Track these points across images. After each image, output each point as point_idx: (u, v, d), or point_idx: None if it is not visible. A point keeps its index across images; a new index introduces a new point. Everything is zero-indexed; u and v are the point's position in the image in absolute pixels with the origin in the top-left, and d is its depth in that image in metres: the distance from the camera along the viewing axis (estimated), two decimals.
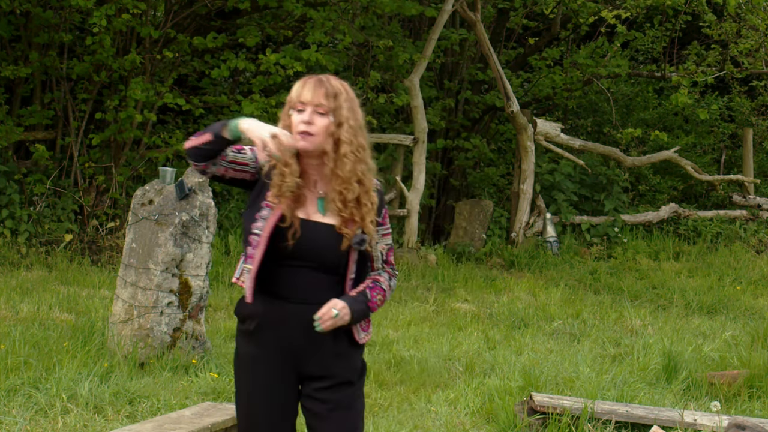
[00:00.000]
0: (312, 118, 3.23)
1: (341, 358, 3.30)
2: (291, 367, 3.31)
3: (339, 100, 3.27)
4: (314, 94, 3.24)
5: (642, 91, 16.44)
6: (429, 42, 12.36)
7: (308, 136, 3.23)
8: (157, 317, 6.55)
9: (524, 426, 5.54)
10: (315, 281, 3.25)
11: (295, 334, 3.27)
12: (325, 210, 3.27)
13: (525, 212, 12.69)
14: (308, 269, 3.25)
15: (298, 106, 3.26)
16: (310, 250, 3.24)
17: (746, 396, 6.31)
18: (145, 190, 6.81)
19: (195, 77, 13.07)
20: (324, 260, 3.25)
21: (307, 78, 3.31)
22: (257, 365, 3.32)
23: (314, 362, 3.29)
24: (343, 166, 3.24)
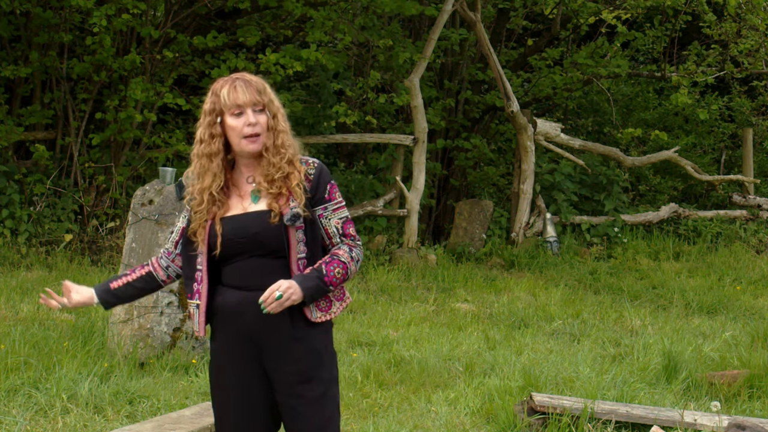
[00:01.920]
0: (255, 118, 3.25)
1: (300, 341, 3.29)
2: (253, 357, 3.31)
3: (268, 94, 3.30)
4: (249, 95, 3.25)
5: (642, 91, 16.44)
6: (429, 42, 12.36)
7: (256, 137, 3.25)
8: (157, 317, 6.55)
9: (524, 426, 5.54)
10: (264, 268, 3.26)
11: (252, 323, 3.27)
12: (257, 199, 3.30)
13: (525, 212, 12.69)
14: (256, 258, 3.26)
15: (235, 110, 3.24)
16: (249, 239, 3.25)
17: (746, 396, 6.31)
18: (145, 190, 6.81)
19: (195, 77, 13.07)
20: (264, 245, 3.25)
21: (231, 81, 3.29)
22: (222, 359, 3.36)
23: (274, 348, 3.29)
24: (281, 155, 3.27)
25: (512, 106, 12.55)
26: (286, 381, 3.30)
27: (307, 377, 3.30)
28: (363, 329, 7.96)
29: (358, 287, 9.81)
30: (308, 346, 3.30)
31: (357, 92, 13.10)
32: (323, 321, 3.32)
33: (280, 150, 3.28)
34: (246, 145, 3.26)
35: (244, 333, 3.30)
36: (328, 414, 3.33)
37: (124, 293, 3.50)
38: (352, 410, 5.80)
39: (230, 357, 3.33)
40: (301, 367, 3.29)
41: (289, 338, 3.29)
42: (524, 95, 14.60)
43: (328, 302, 3.33)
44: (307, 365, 3.30)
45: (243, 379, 3.33)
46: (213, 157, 3.28)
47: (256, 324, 3.27)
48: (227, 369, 3.34)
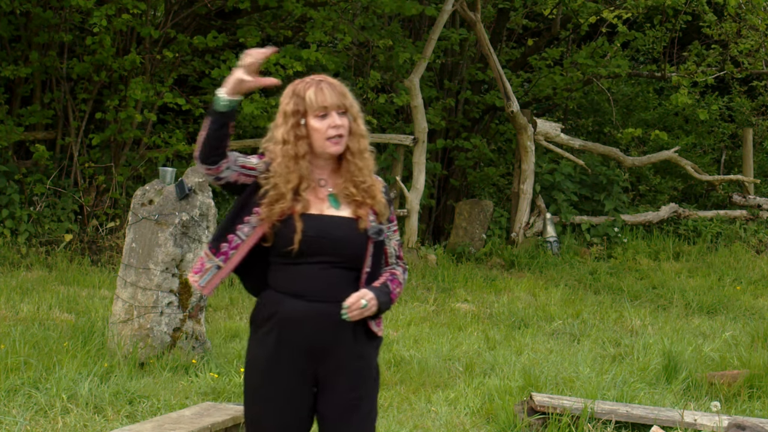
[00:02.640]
0: (340, 121, 3.24)
1: (359, 357, 3.26)
2: (309, 369, 3.25)
3: (349, 97, 3.30)
4: (334, 98, 3.24)
5: (642, 91, 16.44)
6: (429, 42, 12.36)
7: (339, 138, 3.23)
8: (157, 317, 6.55)
9: (524, 426, 5.54)
10: (333, 277, 3.22)
11: (313, 334, 3.21)
12: (338, 204, 3.26)
13: (525, 212, 12.69)
14: (326, 265, 3.21)
15: (320, 112, 3.22)
16: (331, 243, 3.21)
17: (746, 396, 6.31)
18: (145, 190, 6.81)
19: (195, 77, 13.07)
20: (345, 253, 3.22)
21: (311, 84, 3.26)
22: (274, 367, 3.25)
23: (333, 362, 3.24)
24: (364, 159, 3.27)
25: (512, 106, 12.55)
26: (339, 395, 3.25)
27: (359, 394, 3.27)
28: None
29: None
30: (366, 363, 3.29)
31: (357, 92, 13.08)
32: (379, 336, 3.34)
33: (363, 154, 3.27)
34: (330, 146, 3.22)
35: (305, 345, 3.23)
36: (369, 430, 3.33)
37: (229, 130, 3.35)
38: None
39: (281, 367, 3.24)
40: (356, 383, 3.26)
41: (351, 353, 3.25)
42: (524, 95, 14.60)
43: (379, 318, 3.35)
44: (362, 381, 3.27)
45: (290, 389, 3.25)
46: (299, 159, 3.23)
47: (321, 336, 3.21)
48: (275, 377, 3.25)
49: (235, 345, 7.23)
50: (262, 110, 11.22)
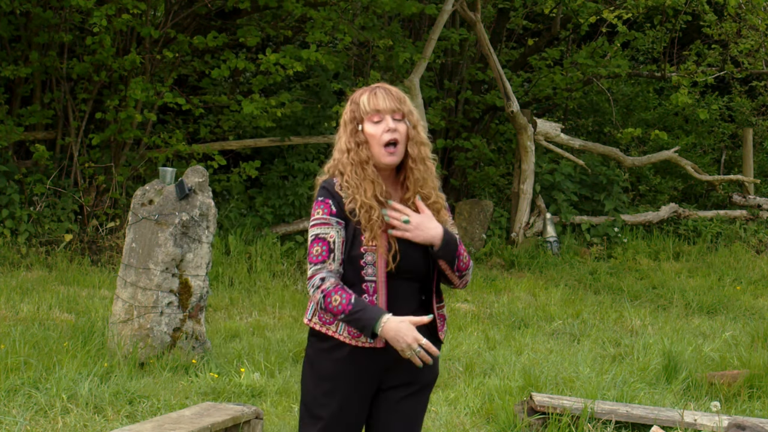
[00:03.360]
0: (395, 125, 3.18)
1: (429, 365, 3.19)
2: (376, 381, 3.24)
3: (407, 104, 3.24)
4: (389, 102, 3.19)
5: (642, 91, 16.44)
6: (429, 42, 12.36)
7: (394, 147, 3.17)
8: (157, 317, 6.55)
9: (524, 426, 5.54)
10: (410, 292, 3.20)
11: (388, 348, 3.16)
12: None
13: (525, 212, 12.69)
14: (404, 281, 3.20)
15: (375, 117, 3.18)
16: (406, 264, 3.18)
17: (746, 396, 6.31)
18: (145, 190, 6.81)
19: (195, 77, 13.07)
20: (417, 272, 3.21)
21: (372, 89, 3.23)
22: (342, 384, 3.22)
23: (403, 369, 3.21)
24: (427, 169, 3.22)
25: (512, 106, 12.55)
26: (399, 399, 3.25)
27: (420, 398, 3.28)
28: None
29: None
30: (432, 369, 3.26)
31: None
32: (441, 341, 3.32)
33: (425, 162, 3.22)
34: (384, 156, 3.17)
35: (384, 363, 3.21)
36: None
37: None
38: None
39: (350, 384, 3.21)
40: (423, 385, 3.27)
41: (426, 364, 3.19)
42: (524, 95, 14.60)
43: (443, 321, 3.31)
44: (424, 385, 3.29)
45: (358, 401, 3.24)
46: (365, 164, 3.17)
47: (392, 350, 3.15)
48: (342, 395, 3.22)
49: (235, 345, 7.23)
50: (262, 110, 11.22)
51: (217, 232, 9.83)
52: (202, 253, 6.72)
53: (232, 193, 11.93)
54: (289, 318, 8.41)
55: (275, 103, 11.33)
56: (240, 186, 11.91)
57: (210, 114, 12.60)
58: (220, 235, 10.69)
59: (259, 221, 11.46)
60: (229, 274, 9.73)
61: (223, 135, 12.33)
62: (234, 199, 11.82)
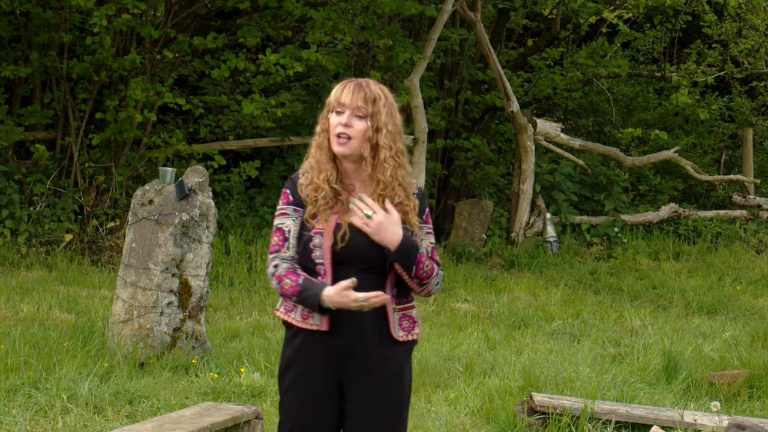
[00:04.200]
0: (350, 121, 3.24)
1: (384, 359, 3.26)
2: (335, 371, 3.28)
3: (377, 105, 3.27)
4: (353, 98, 3.24)
5: (642, 91, 16.44)
6: (429, 42, 12.36)
7: (346, 140, 3.24)
8: (157, 317, 6.55)
9: (524, 426, 5.54)
10: (360, 281, 3.20)
11: (343, 336, 3.23)
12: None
13: (525, 212, 12.69)
14: (354, 270, 3.22)
15: (337, 108, 3.26)
16: (355, 251, 3.22)
17: (746, 396, 6.31)
18: (145, 190, 6.81)
19: (195, 77, 13.07)
20: (368, 260, 3.23)
21: (347, 81, 3.31)
22: (301, 371, 3.30)
23: (358, 362, 3.25)
24: (383, 171, 3.25)
25: (512, 106, 12.55)
26: (364, 397, 3.27)
27: (386, 396, 3.28)
28: None
29: None
30: (391, 366, 3.29)
31: None
32: (406, 341, 3.31)
33: (383, 165, 3.25)
34: (334, 144, 3.26)
35: (333, 348, 3.26)
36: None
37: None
38: None
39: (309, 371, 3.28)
40: (380, 386, 3.27)
41: (375, 356, 3.26)
42: (524, 95, 14.60)
43: (412, 322, 3.34)
44: (386, 384, 3.28)
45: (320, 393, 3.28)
46: (321, 150, 3.30)
47: (347, 340, 3.23)
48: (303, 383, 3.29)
49: (235, 345, 7.24)
50: (262, 110, 11.22)
51: (217, 232, 9.83)
52: (202, 253, 6.72)
53: (232, 193, 11.93)
54: None
55: (275, 103, 11.33)
56: (240, 186, 11.91)
57: (210, 114, 12.60)
58: (220, 235, 10.69)
59: (259, 221, 11.46)
60: (229, 274, 9.74)
61: (223, 135, 12.33)
62: (234, 199, 11.82)
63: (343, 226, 3.23)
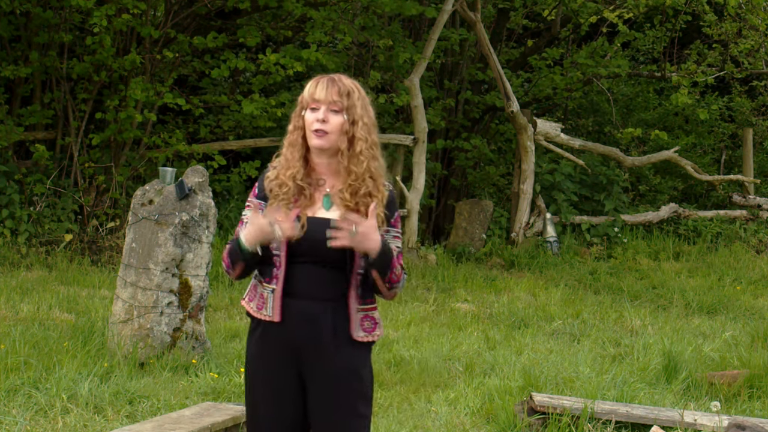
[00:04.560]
0: (326, 116, 3.25)
1: (340, 357, 3.26)
2: (291, 364, 3.28)
3: (352, 98, 3.29)
4: (328, 93, 3.26)
5: (642, 92, 16.44)
6: (429, 42, 12.36)
7: (324, 134, 3.25)
8: (157, 317, 6.55)
9: (524, 426, 5.54)
10: (317, 276, 3.24)
11: (297, 330, 3.25)
12: (330, 206, 3.29)
13: (525, 212, 12.69)
14: (312, 264, 3.24)
15: (312, 104, 3.27)
16: (311, 244, 3.23)
17: (746, 396, 6.31)
18: (145, 190, 6.81)
19: (195, 77, 13.06)
20: (325, 254, 3.21)
21: (319, 77, 3.32)
22: (261, 363, 3.32)
23: (313, 361, 3.26)
24: (359, 163, 3.27)
25: (512, 106, 12.55)
26: (322, 394, 3.28)
27: (343, 394, 3.27)
28: None
29: None
30: (348, 365, 3.28)
31: None
32: (365, 342, 3.30)
33: (358, 157, 3.27)
34: (312, 138, 3.27)
35: (287, 342, 3.27)
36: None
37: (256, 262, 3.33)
38: None
39: (268, 364, 3.30)
40: (338, 383, 3.27)
41: (330, 353, 3.26)
42: (524, 95, 14.60)
43: (373, 323, 3.33)
44: (343, 382, 3.28)
45: (279, 385, 3.30)
46: (293, 147, 3.32)
47: (302, 333, 3.25)
48: (263, 375, 3.31)
49: (235, 345, 7.23)
50: (262, 110, 11.21)
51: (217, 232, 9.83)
52: (202, 253, 6.72)
53: (232, 193, 11.93)
54: None
55: (275, 103, 11.33)
56: (240, 186, 11.91)
57: (210, 114, 12.60)
58: (220, 235, 10.69)
59: None
60: None
61: (223, 135, 12.33)
62: (234, 199, 11.82)
63: (301, 219, 3.24)
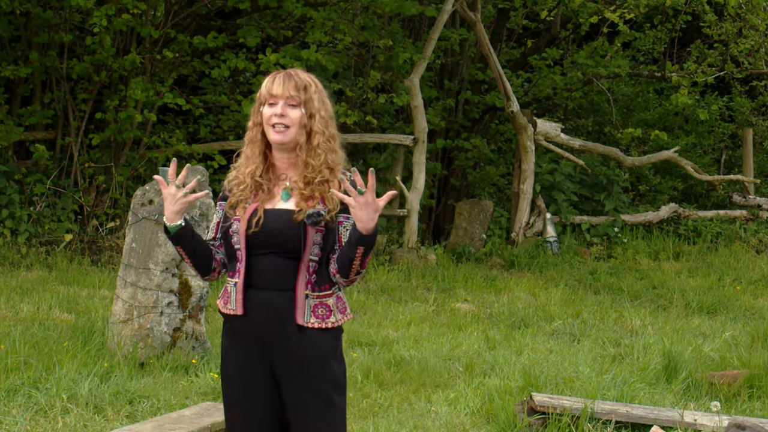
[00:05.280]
0: (285, 111, 3.29)
1: (305, 345, 3.27)
2: (261, 356, 3.31)
3: (309, 92, 3.33)
4: (284, 88, 3.30)
5: (642, 92, 16.45)
6: (429, 42, 12.36)
7: (284, 129, 3.29)
8: (157, 317, 6.55)
9: (524, 426, 5.54)
10: (276, 266, 3.26)
11: (258, 321, 3.28)
12: (288, 197, 3.32)
13: (525, 212, 12.69)
14: (271, 255, 3.27)
15: (270, 100, 3.31)
16: (268, 234, 3.26)
17: (746, 396, 6.31)
18: (145, 190, 6.81)
19: (195, 77, 13.07)
20: (282, 243, 3.25)
21: (275, 73, 3.36)
22: (230, 355, 3.37)
23: (280, 349, 3.28)
24: (316, 156, 3.31)
25: (512, 106, 12.55)
26: (292, 384, 3.30)
27: (313, 383, 3.29)
28: (363, 329, 7.96)
29: (358, 287, 9.82)
30: (313, 351, 3.28)
31: (357, 92, 13.10)
32: (321, 328, 3.29)
33: (316, 150, 3.30)
34: (271, 133, 3.30)
35: (252, 333, 3.31)
36: (333, 423, 3.31)
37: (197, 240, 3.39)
38: (352, 410, 5.80)
39: (237, 355, 3.34)
40: (306, 372, 3.28)
41: (294, 341, 3.27)
42: (524, 95, 14.60)
43: (327, 310, 3.32)
44: (312, 371, 3.29)
45: (251, 378, 3.33)
46: (254, 144, 3.37)
47: (262, 324, 3.28)
48: (237, 367, 3.35)
49: None
50: None
51: None
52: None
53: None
54: None
55: None
56: None
57: (210, 114, 12.61)
58: None
59: None
60: None
61: (223, 135, 12.33)
62: None
63: (258, 212, 3.29)
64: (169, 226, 3.32)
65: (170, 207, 3.30)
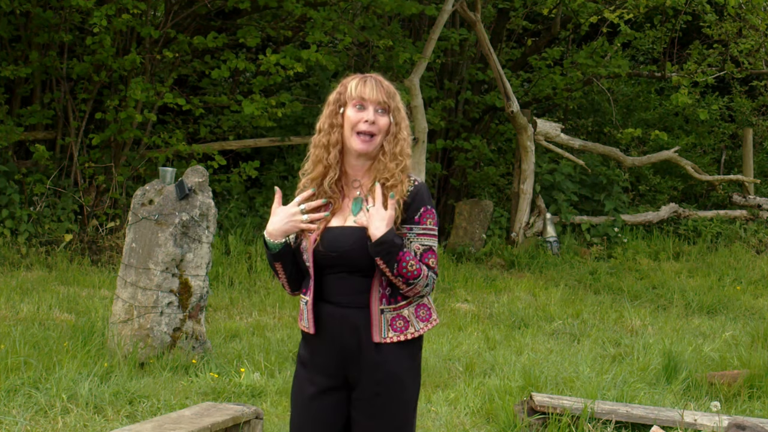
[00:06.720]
0: (375, 118, 3.19)
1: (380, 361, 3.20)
2: (333, 374, 3.26)
3: (396, 100, 3.25)
4: (377, 92, 3.19)
5: (642, 92, 16.45)
6: (429, 42, 12.36)
7: (370, 138, 3.19)
8: (157, 317, 6.55)
9: (524, 426, 5.54)
10: (348, 284, 3.19)
11: (333, 338, 3.22)
12: (359, 210, 3.22)
13: (525, 212, 12.69)
14: (343, 273, 3.20)
15: (359, 102, 3.19)
16: (339, 255, 3.19)
17: (746, 396, 6.31)
18: (145, 190, 6.81)
19: (195, 77, 13.06)
20: (353, 263, 3.18)
21: (363, 76, 3.25)
22: (302, 371, 3.32)
23: (356, 364, 3.23)
24: (401, 162, 3.21)
25: (512, 106, 12.55)
26: (364, 406, 3.24)
27: (386, 408, 3.23)
28: None
29: None
30: (389, 373, 3.21)
31: None
32: (399, 341, 3.21)
33: (397, 157, 3.21)
34: (357, 143, 3.19)
35: (326, 351, 3.25)
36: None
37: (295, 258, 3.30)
38: None
39: (311, 372, 3.28)
40: (379, 396, 3.22)
41: (369, 361, 3.20)
42: (524, 95, 14.60)
43: (405, 322, 3.24)
44: (385, 395, 3.22)
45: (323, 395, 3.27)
46: (330, 147, 3.22)
47: (337, 341, 3.22)
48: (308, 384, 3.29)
49: (235, 345, 7.24)
50: (263, 110, 11.21)
51: (217, 232, 9.83)
52: (202, 253, 6.72)
53: (232, 193, 11.93)
54: (289, 318, 8.42)
55: (275, 103, 11.33)
56: (240, 186, 11.91)
57: (210, 114, 12.60)
58: (220, 235, 10.69)
59: (259, 221, 11.46)
60: (229, 274, 9.74)
61: (223, 135, 12.33)
62: (234, 199, 11.82)
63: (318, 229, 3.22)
64: (272, 243, 3.22)
65: (280, 225, 3.21)
